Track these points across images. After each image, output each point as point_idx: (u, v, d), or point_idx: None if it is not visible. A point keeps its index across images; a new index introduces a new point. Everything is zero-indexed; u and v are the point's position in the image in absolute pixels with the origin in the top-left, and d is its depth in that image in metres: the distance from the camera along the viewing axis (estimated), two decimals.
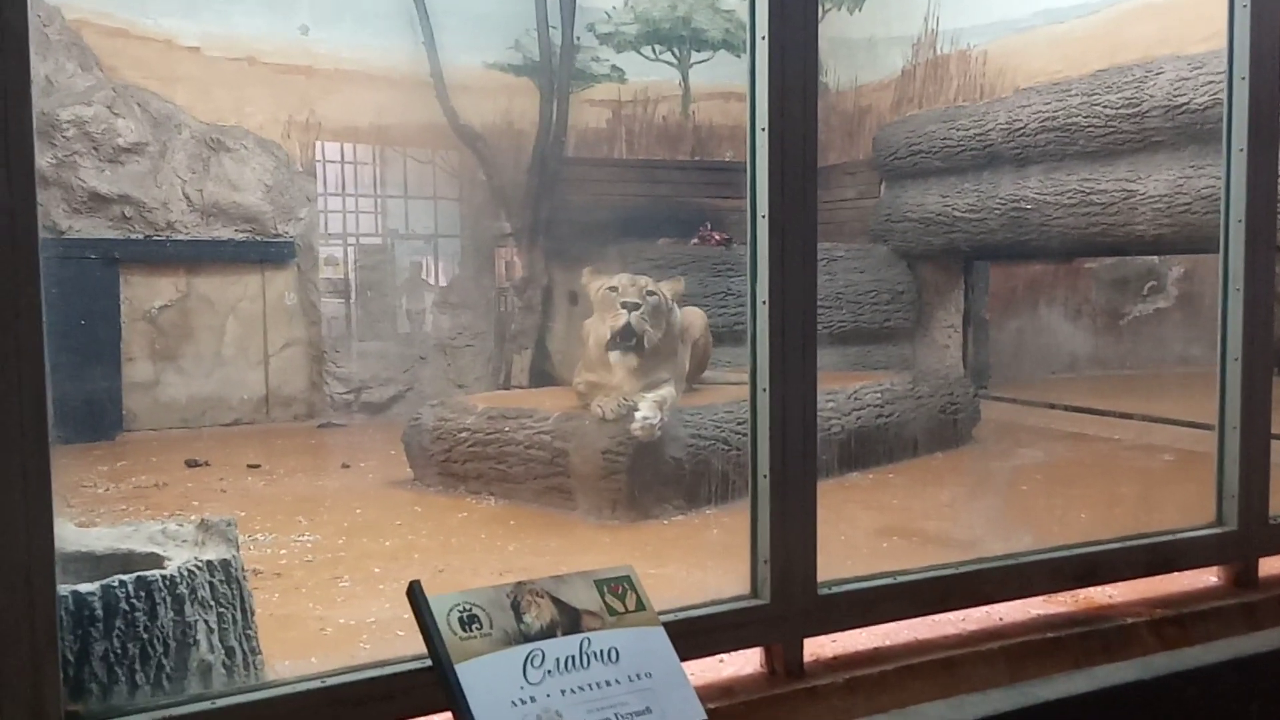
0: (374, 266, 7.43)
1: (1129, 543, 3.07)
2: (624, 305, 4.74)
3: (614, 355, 4.78)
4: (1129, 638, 2.89)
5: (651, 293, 4.84)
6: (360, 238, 7.45)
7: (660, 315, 4.86)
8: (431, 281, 7.70)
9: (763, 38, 2.42)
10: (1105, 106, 6.26)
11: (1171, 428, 5.76)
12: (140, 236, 6.73)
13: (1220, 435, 3.22)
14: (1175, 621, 2.98)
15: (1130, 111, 6.13)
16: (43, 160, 6.23)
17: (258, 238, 7.06)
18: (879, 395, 5.61)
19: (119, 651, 2.01)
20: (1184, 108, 5.82)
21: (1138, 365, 8.54)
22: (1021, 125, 6.77)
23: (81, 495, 4.76)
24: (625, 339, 4.75)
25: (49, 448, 1.78)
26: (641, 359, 4.77)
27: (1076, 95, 6.46)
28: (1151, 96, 6.00)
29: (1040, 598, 3.00)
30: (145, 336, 6.67)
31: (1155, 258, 8.33)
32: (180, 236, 6.83)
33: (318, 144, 7.32)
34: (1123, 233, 6.28)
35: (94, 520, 4.06)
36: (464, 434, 4.86)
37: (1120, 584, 3.12)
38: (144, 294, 6.68)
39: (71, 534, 2.36)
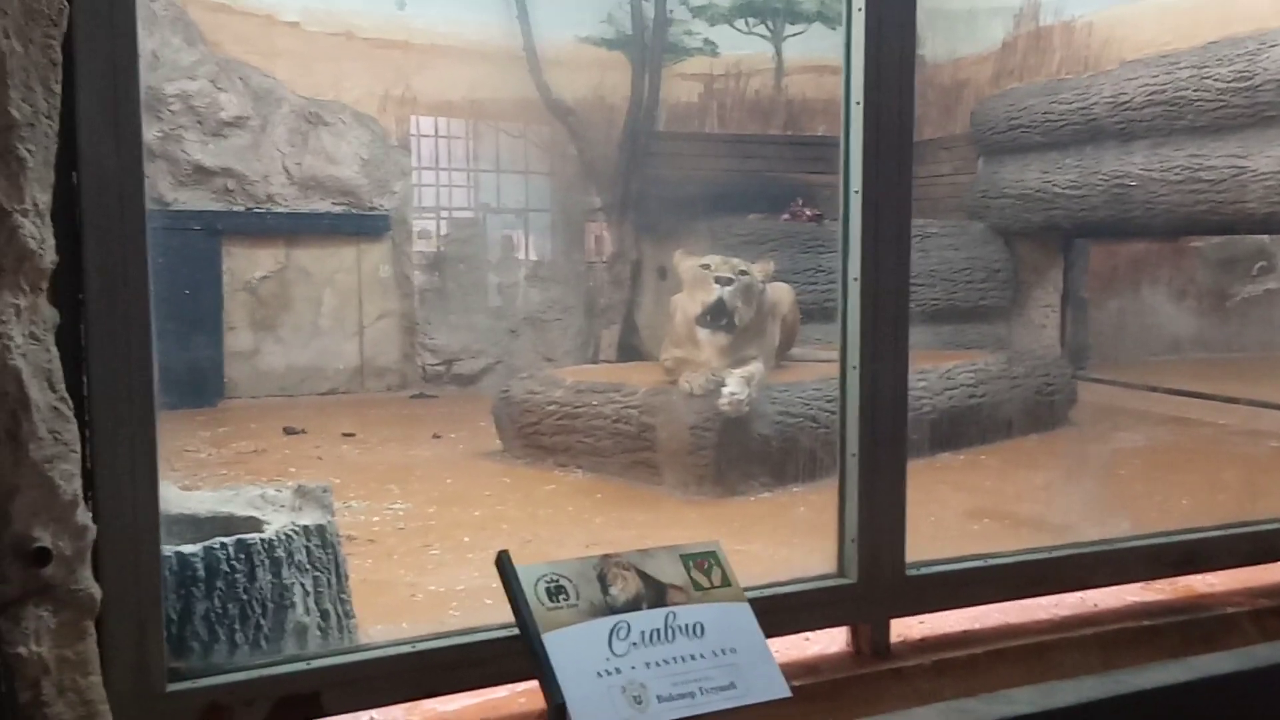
0: (466, 240, 7.51)
1: (1232, 530, 2.98)
2: (718, 280, 4.73)
3: (703, 333, 4.78)
4: (1229, 627, 2.81)
5: (744, 272, 4.82)
6: (453, 211, 7.53)
7: (752, 295, 4.83)
8: (522, 255, 7.75)
9: (859, 9, 2.38)
10: (1216, 80, 6.03)
11: None
12: (241, 209, 6.89)
13: None
14: (1277, 612, 2.89)
15: (1242, 85, 5.90)
16: (149, 134, 6.37)
17: (354, 211, 7.18)
18: (972, 375, 5.51)
19: (219, 611, 2.07)
20: None
21: (1245, 348, 8.24)
22: (1127, 99, 6.56)
23: (185, 459, 4.91)
24: (717, 317, 4.73)
25: (155, 413, 1.84)
26: (731, 338, 4.76)
27: (1185, 68, 6.24)
28: (1265, 69, 5.76)
29: (1137, 585, 2.93)
30: (246, 306, 6.84)
31: (1266, 237, 8.03)
32: (280, 209, 6.98)
33: (412, 118, 7.41)
34: (1232, 210, 6.06)
35: (197, 484, 4.19)
36: (552, 407, 4.90)
37: (1221, 572, 3.03)
38: (245, 265, 6.85)
39: (175, 497, 2.43)
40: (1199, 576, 3.01)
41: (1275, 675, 2.43)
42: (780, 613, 2.33)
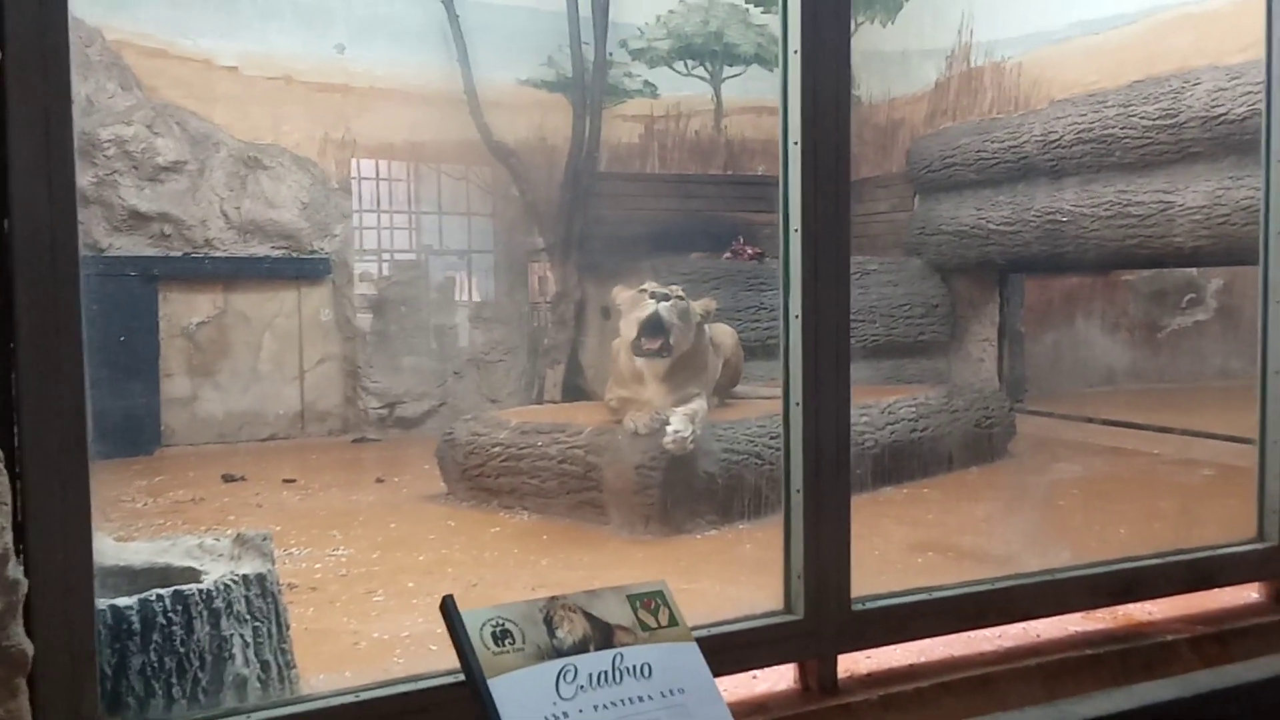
0: (408, 282, 7.48)
1: (1169, 558, 3.03)
2: (652, 296, 4.75)
3: (641, 361, 4.76)
4: (1169, 655, 2.85)
5: (681, 297, 4.83)
6: (395, 254, 7.50)
7: (689, 319, 4.83)
8: (465, 297, 7.74)
9: (795, 51, 2.42)
10: (1142, 117, 6.21)
11: (1211, 442, 5.67)
12: (179, 254, 6.80)
13: (1261, 449, 3.18)
14: (1216, 638, 2.94)
15: (1167, 122, 6.07)
16: (83, 179, 6.32)
17: (294, 254, 7.13)
18: (913, 409, 5.57)
19: (156, 665, 2.02)
20: (1222, 118, 5.75)
21: (1177, 379, 8.43)
22: (1057, 137, 6.73)
23: (120, 510, 4.81)
24: (653, 332, 4.72)
25: (88, 462, 1.80)
26: (669, 364, 4.74)
27: (1112, 106, 6.41)
28: (1189, 107, 5.94)
29: (1078, 614, 2.97)
30: (183, 352, 6.74)
31: (1194, 270, 8.24)
32: (218, 253, 6.90)
33: (353, 161, 7.39)
34: (1160, 244, 6.21)
35: (132, 534, 4.10)
36: (497, 449, 4.87)
37: (1160, 600, 3.08)
38: (182, 310, 6.76)
39: (110, 548, 2.38)
40: (1139, 605, 3.05)
41: (1216, 701, 2.47)
42: (728, 651, 2.32)
